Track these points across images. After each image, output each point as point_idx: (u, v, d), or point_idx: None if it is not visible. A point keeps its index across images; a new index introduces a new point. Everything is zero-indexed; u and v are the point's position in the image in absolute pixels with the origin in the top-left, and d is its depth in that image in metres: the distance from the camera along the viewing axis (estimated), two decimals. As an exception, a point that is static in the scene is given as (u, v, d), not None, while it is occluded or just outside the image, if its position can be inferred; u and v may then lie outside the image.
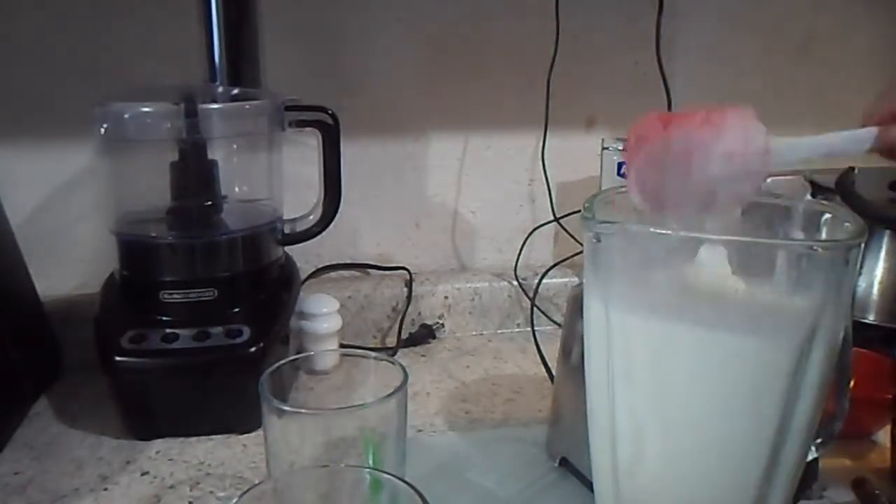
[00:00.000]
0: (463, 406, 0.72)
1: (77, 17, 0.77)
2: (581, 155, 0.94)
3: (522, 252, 0.94)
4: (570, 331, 0.58)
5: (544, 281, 0.88)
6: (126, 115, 0.66)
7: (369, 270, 0.93)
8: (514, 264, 0.93)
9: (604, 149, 0.89)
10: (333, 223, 0.76)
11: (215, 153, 0.68)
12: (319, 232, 0.76)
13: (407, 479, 0.34)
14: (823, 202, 0.38)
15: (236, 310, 0.67)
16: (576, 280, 0.92)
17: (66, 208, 0.81)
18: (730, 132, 0.35)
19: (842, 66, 1.03)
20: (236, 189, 0.74)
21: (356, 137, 0.84)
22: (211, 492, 0.57)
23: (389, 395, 0.45)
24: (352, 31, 0.86)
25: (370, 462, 0.44)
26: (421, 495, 0.32)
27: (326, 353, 0.65)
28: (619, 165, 0.88)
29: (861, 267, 0.87)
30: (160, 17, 0.78)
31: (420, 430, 0.67)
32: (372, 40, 0.87)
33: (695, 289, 0.35)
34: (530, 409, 0.71)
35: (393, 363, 0.49)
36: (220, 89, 0.73)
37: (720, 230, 0.37)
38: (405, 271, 0.91)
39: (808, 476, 0.50)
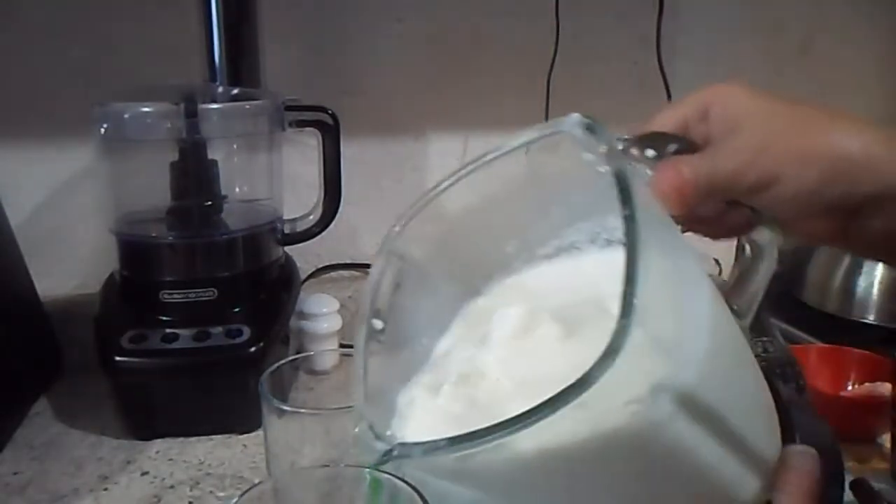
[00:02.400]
0: (463, 406, 0.72)
1: (77, 17, 0.77)
2: (581, 155, 0.94)
3: (522, 252, 0.94)
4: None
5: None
6: (126, 115, 0.66)
7: (369, 270, 0.93)
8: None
9: (604, 149, 0.89)
10: (333, 223, 0.75)
11: (215, 153, 0.68)
12: (319, 232, 0.76)
13: (407, 479, 0.34)
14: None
15: (236, 310, 0.66)
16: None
17: (66, 208, 0.81)
18: None
19: (842, 66, 1.03)
20: (236, 189, 0.74)
21: (356, 137, 0.84)
22: (211, 492, 0.57)
23: (389, 395, 0.45)
24: (352, 31, 0.86)
25: (370, 462, 0.44)
26: (421, 495, 0.32)
27: (326, 353, 0.65)
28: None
29: (861, 267, 0.88)
30: (160, 17, 0.78)
31: (420, 430, 0.67)
32: (372, 40, 0.87)
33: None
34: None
35: (393, 363, 0.49)
36: (220, 89, 0.73)
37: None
38: (405, 271, 0.91)
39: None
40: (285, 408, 0.44)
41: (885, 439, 0.61)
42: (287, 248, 0.77)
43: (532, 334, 0.30)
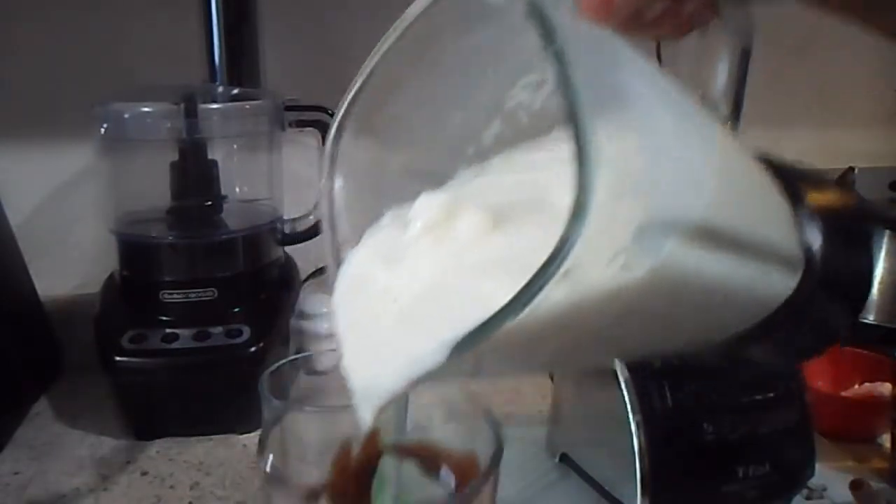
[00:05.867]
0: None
1: (77, 17, 0.77)
2: (581, 155, 0.94)
3: (522, 252, 0.94)
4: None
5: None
6: (126, 115, 0.66)
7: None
8: (514, 264, 0.93)
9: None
10: (333, 223, 0.75)
11: (215, 153, 0.68)
12: (319, 232, 0.76)
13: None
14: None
15: (236, 310, 0.66)
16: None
17: (66, 208, 0.81)
18: None
19: (842, 66, 1.03)
20: (236, 189, 0.74)
21: (356, 137, 0.84)
22: (211, 492, 0.57)
23: (389, 395, 0.45)
24: (352, 31, 0.86)
25: (370, 462, 0.44)
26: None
27: (326, 353, 0.65)
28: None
29: (861, 267, 0.88)
30: (160, 17, 0.78)
31: (420, 429, 0.67)
32: (372, 40, 0.87)
33: None
34: (530, 409, 0.71)
35: (393, 363, 0.48)
36: (220, 89, 0.73)
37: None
38: (405, 271, 0.91)
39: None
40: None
41: (885, 439, 0.61)
42: (287, 248, 0.77)
43: (452, 225, 0.27)
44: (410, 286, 0.26)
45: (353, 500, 0.24)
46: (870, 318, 0.86)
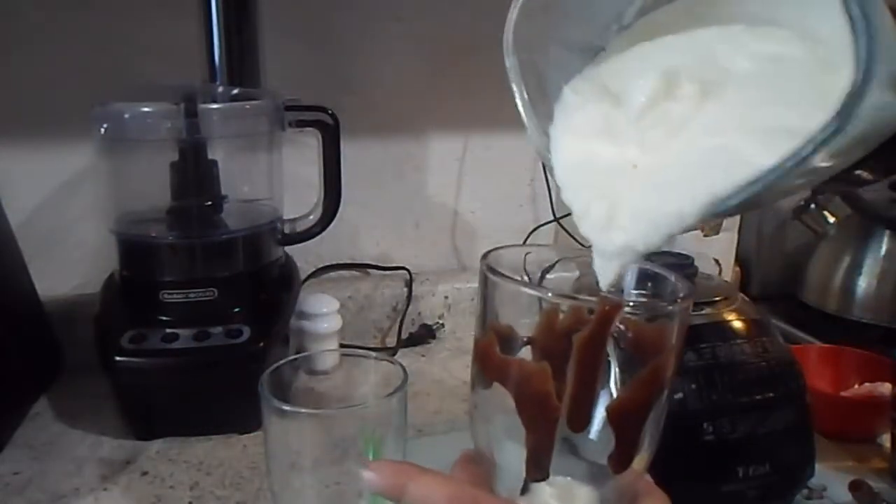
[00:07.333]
0: (463, 406, 0.72)
1: (77, 18, 0.77)
2: (581, 155, 0.94)
3: (522, 252, 0.94)
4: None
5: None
6: (126, 115, 0.66)
7: (369, 270, 0.93)
8: (514, 264, 0.93)
9: (604, 149, 0.89)
10: (333, 223, 0.75)
11: (215, 153, 0.68)
12: (319, 232, 0.76)
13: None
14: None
15: (236, 310, 0.67)
16: (577, 274, 0.92)
17: (66, 208, 0.81)
18: None
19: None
20: (236, 189, 0.74)
21: (356, 137, 0.84)
22: (211, 492, 0.57)
23: (389, 395, 0.45)
24: (352, 31, 0.86)
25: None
26: None
27: (326, 353, 0.65)
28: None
29: (861, 267, 0.88)
30: (160, 17, 0.78)
31: (420, 430, 0.67)
32: (372, 40, 0.87)
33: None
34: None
35: (393, 363, 0.49)
36: (220, 89, 0.73)
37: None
38: (405, 271, 0.91)
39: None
40: (285, 408, 0.43)
41: (885, 439, 0.61)
42: (287, 248, 0.77)
43: (669, 98, 0.30)
44: (646, 155, 0.29)
45: (558, 355, 0.29)
46: (870, 318, 0.86)
